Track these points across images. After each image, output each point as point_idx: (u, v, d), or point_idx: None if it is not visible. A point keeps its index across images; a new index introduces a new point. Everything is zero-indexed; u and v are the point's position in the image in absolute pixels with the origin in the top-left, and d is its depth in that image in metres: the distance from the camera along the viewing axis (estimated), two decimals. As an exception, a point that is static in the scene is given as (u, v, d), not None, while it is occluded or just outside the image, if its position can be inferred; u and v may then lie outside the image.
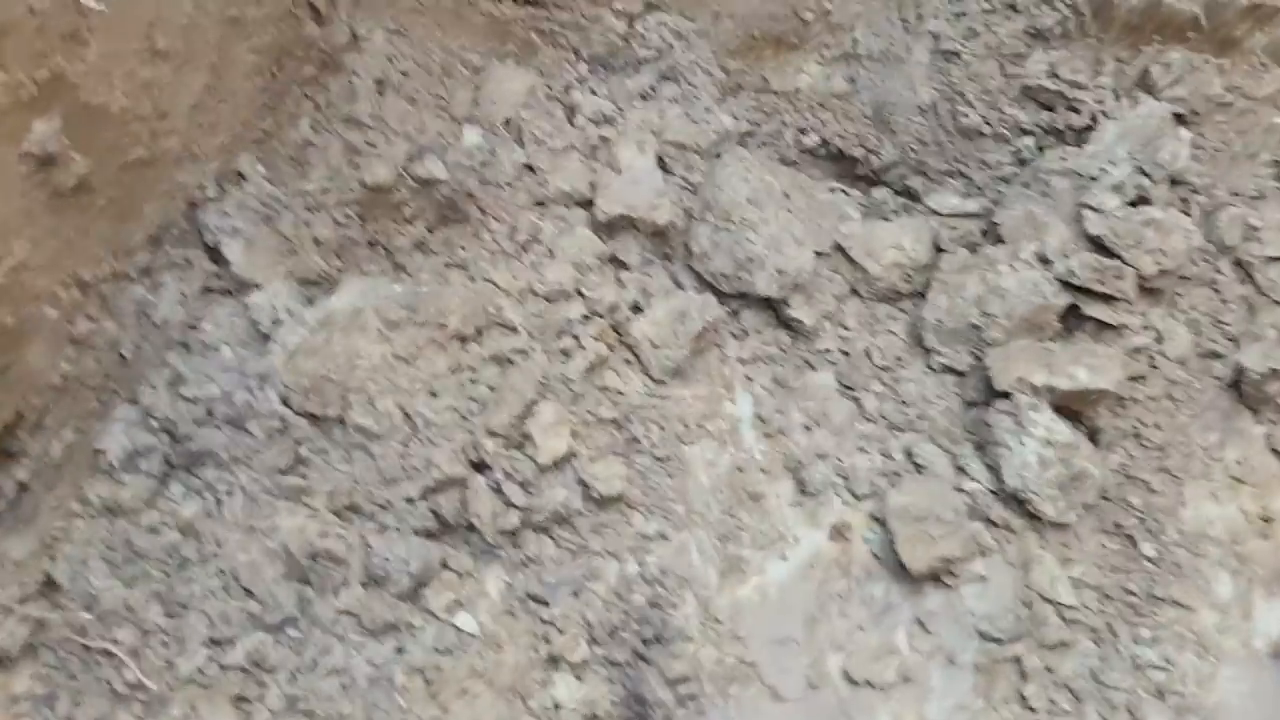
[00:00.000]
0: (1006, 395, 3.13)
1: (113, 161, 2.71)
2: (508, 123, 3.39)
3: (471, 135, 3.35)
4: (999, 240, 3.34)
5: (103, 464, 3.02)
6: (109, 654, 2.85)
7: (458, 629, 3.00)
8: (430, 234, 3.27)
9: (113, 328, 3.06)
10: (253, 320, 3.15)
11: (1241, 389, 3.19)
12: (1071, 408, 3.12)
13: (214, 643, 2.91)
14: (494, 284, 3.24)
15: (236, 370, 3.08)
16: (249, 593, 2.97)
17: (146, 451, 3.03)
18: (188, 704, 2.82)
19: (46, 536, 2.92)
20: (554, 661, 2.97)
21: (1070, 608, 2.99)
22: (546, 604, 3.04)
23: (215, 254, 3.17)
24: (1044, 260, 3.27)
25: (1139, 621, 2.98)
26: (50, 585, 2.91)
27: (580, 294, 3.29)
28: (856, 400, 3.34)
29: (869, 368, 3.37)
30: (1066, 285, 3.21)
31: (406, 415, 3.14)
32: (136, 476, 3.03)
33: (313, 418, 3.11)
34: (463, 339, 3.23)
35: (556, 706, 2.91)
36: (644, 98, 3.52)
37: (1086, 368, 3.08)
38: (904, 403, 3.32)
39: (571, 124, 3.44)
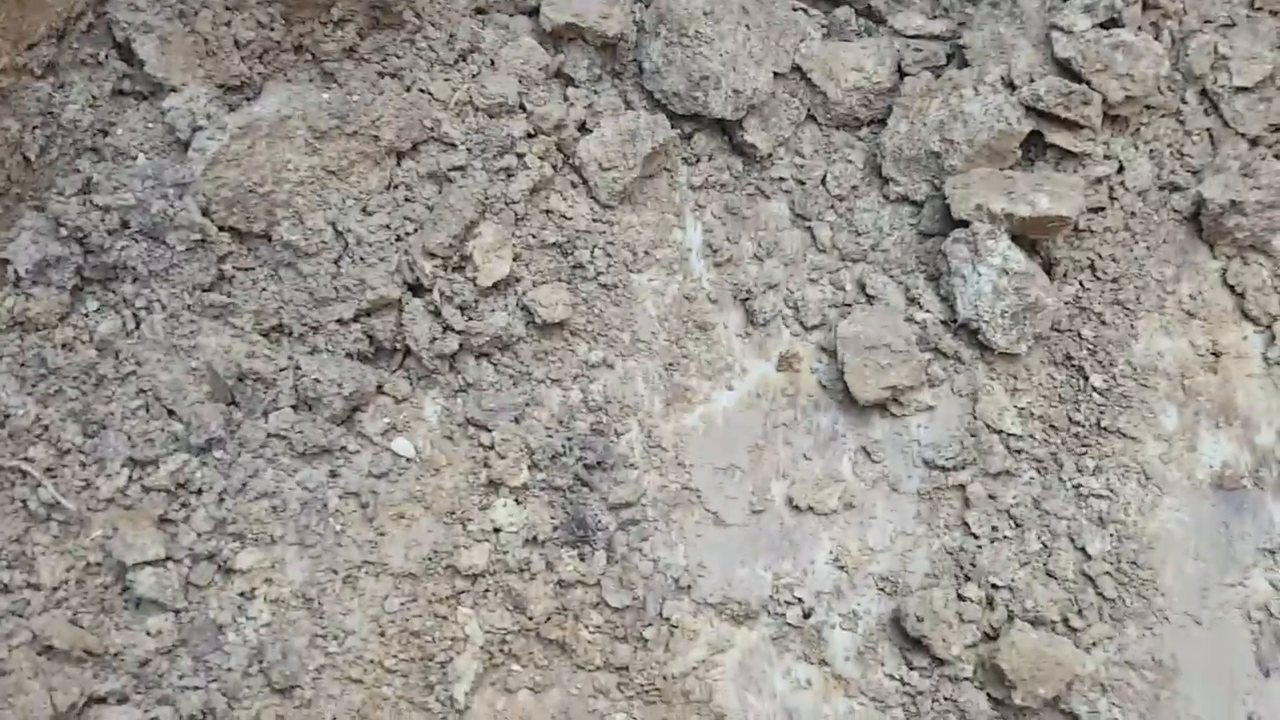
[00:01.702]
0: (964, 224, 3.04)
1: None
2: (446, -81, 3.13)
3: (407, -69, 3.10)
4: (964, 64, 3.20)
5: (10, 275, 2.83)
6: (23, 473, 2.72)
7: (394, 454, 2.90)
8: (361, 40, 3.04)
9: (15, 127, 2.83)
10: (169, 126, 2.94)
11: (1200, 222, 3.13)
12: (1029, 237, 3.04)
13: (136, 463, 2.79)
14: (430, 95, 3.04)
15: (152, 179, 2.88)
16: (172, 413, 2.84)
17: (57, 262, 2.84)
18: (109, 525, 2.71)
19: (-50, 350, 2.75)
20: (494, 486, 2.89)
21: (1016, 437, 2.96)
22: (486, 429, 2.95)
23: (127, 52, 2.93)
24: (1009, 84, 3.14)
25: (1084, 451, 2.97)
26: (-43, 402, 2.75)
27: (524, 109, 3.10)
28: (810, 230, 3.23)
29: (824, 197, 3.24)
30: (1031, 110, 3.09)
31: (338, 233, 2.98)
32: (47, 289, 2.85)
33: (236, 232, 2.93)
34: (398, 154, 3.05)
35: (496, 530, 2.85)
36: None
37: (1047, 194, 2.98)
38: (858, 233, 3.21)
39: (516, -77, 3.20)
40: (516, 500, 2.89)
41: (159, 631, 2.64)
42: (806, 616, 2.82)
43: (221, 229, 2.93)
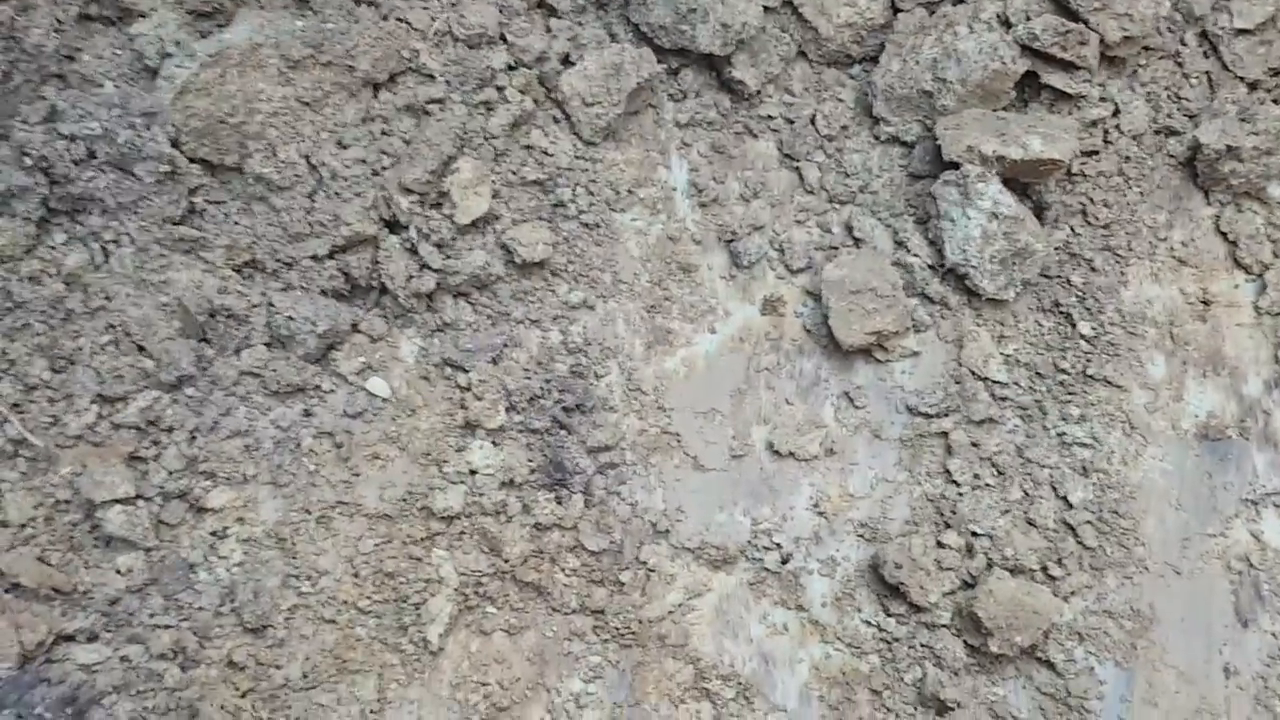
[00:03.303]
0: (954, 166, 2.96)
1: None
2: None
3: None
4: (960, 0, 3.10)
5: (-28, 206, 2.75)
6: (-12, 408, 2.66)
7: (369, 393, 2.85)
8: (337, -35, 2.93)
9: (-26, 51, 2.73)
10: (137, 52, 2.85)
11: (1196, 167, 3.06)
12: (1020, 180, 2.97)
13: (105, 400, 2.74)
14: (408, 24, 2.94)
15: (120, 107, 2.79)
16: (142, 349, 2.78)
17: (21, 192, 2.76)
18: (78, 462, 2.66)
19: (-89, 281, 2.68)
20: (470, 427, 2.84)
21: (1001, 384, 2.92)
22: (464, 370, 2.89)
23: (90, -26, 2.82)
24: (1005, 22, 3.05)
25: (1069, 400, 2.93)
26: (-81, 335, 2.68)
27: (504, 40, 3.00)
28: (798, 170, 3.16)
29: (813, 137, 3.16)
30: (1026, 50, 3.01)
31: (312, 166, 2.89)
32: (12, 221, 2.77)
33: (207, 164, 2.85)
34: (374, 85, 2.95)
35: (472, 472, 2.81)
36: None
37: (1040, 136, 2.91)
38: (847, 174, 3.14)
39: None
40: (493, 442, 2.85)
41: (129, 570, 2.61)
42: (784, 562, 2.80)
43: (192, 160, 2.85)
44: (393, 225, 2.92)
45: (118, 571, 2.60)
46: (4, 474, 2.67)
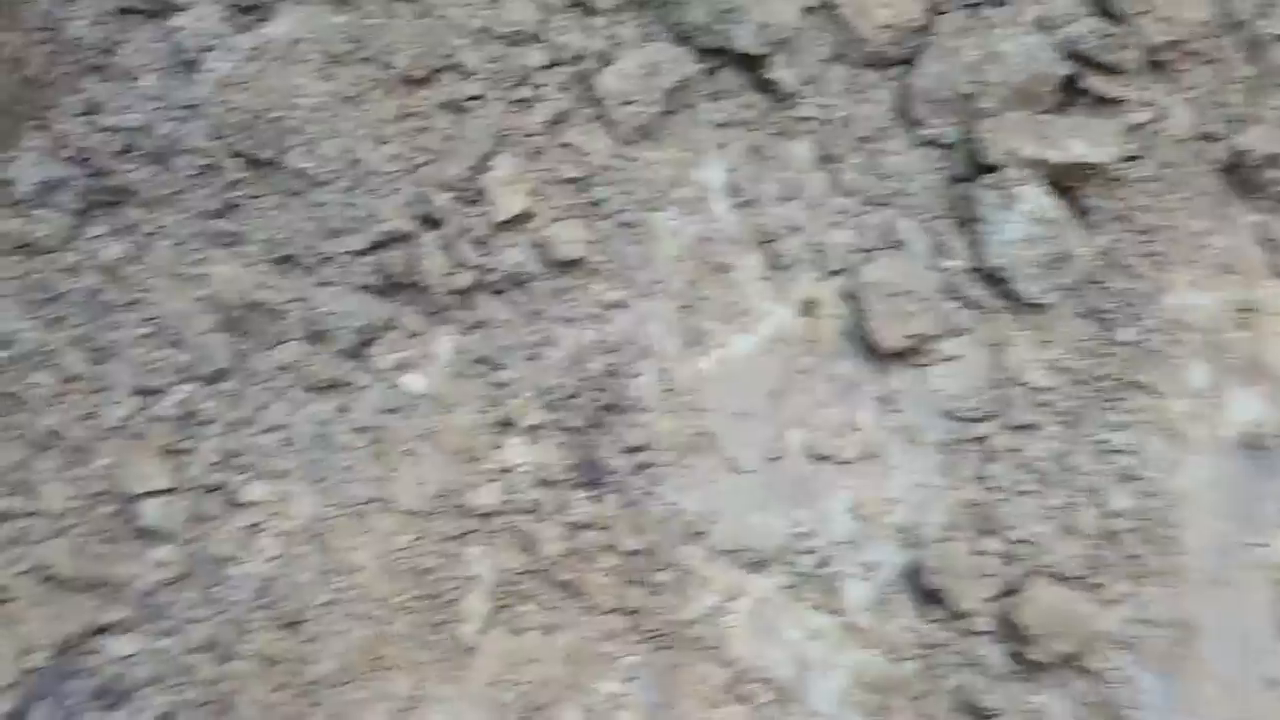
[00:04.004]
0: (994, 169, 2.94)
1: None
2: None
3: None
4: (1001, 2, 3.08)
5: (13, 196, 2.76)
6: (25, 400, 2.67)
7: (405, 390, 2.84)
8: (377, -39, 2.93)
9: (16, 42, 2.74)
10: (177, 45, 2.85)
11: (1238, 174, 3.03)
12: (1061, 184, 2.95)
13: (142, 392, 2.74)
14: (447, 21, 2.94)
15: (159, 100, 2.80)
16: (179, 343, 2.79)
17: (61, 184, 2.78)
18: (114, 454, 2.66)
19: (-48, 271, 2.68)
20: (506, 425, 2.83)
21: (1041, 390, 2.89)
22: (499, 368, 2.88)
23: (133, -33, 2.83)
24: (1047, 25, 3.03)
25: (1109, 407, 2.90)
26: (-42, 325, 2.69)
27: (543, 39, 3.00)
28: (834, 172, 3.13)
29: (850, 138, 3.14)
30: (1068, 53, 2.99)
31: (350, 162, 2.89)
32: (51, 212, 2.79)
33: (246, 158, 2.85)
34: (413, 81, 2.95)
35: (507, 470, 2.79)
36: None
37: (1083, 140, 2.89)
38: (884, 176, 3.11)
39: None
40: (528, 440, 2.83)
41: (165, 562, 2.61)
42: (821, 566, 2.77)
43: (230, 155, 2.85)
44: (430, 222, 2.91)
45: (154, 564, 2.59)
46: (41, 465, 2.66)
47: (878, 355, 2.94)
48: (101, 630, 2.53)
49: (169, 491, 2.63)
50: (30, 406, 2.68)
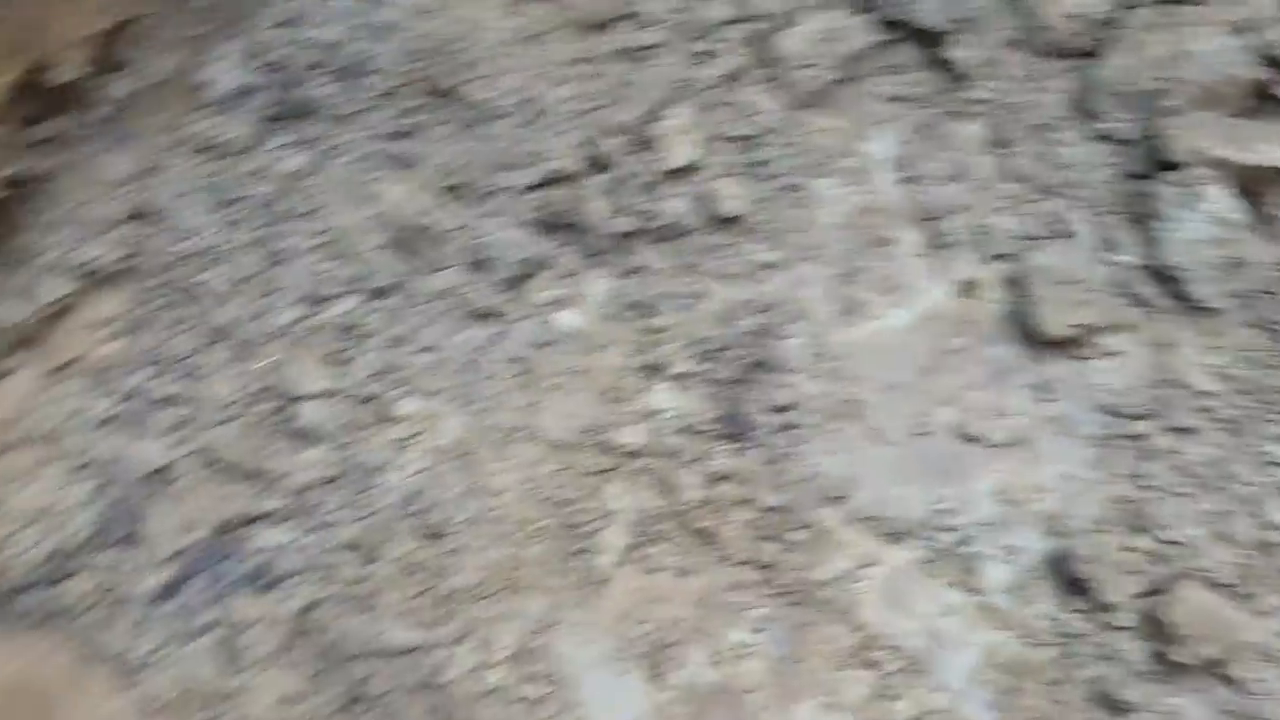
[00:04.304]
0: (1176, 167, 2.87)
1: None
2: None
3: None
4: (1197, 0, 3.01)
5: (205, 98, 2.86)
6: (200, 293, 2.75)
7: (558, 326, 2.87)
8: (574, -96, 2.97)
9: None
10: (375, -33, 2.91)
11: None
12: (1247, 188, 2.86)
13: (309, 299, 2.81)
14: (632, -31, 2.96)
15: (355, 18, 2.87)
16: (347, 256, 2.85)
17: (251, 91, 2.87)
18: (279, 354, 2.73)
19: (145, 162, 2.79)
20: (654, 370, 2.84)
21: (1204, 394, 2.80)
22: (652, 314, 2.89)
23: (340, -113, 2.91)
24: (1241, 28, 2.95)
25: (1274, 419, 2.79)
26: (143, 215, 2.79)
27: (732, -6, 3.01)
28: (1003, 157, 3.09)
29: (1022, 125, 3.09)
30: (1264, 58, 2.90)
31: (526, 99, 2.93)
32: (239, 116, 2.88)
33: (428, 85, 2.91)
34: (595, 25, 2.98)
35: (653, 413, 2.80)
36: None
37: (1275, 144, 2.79)
38: (1055, 166, 3.05)
39: None
40: (676, 388, 2.83)
41: (318, 462, 2.66)
42: (961, 545, 2.72)
43: (414, 80, 2.91)
44: (597, 165, 2.93)
45: (308, 463, 2.65)
46: (204, 357, 2.74)
47: (1036, 342, 2.88)
48: (256, 519, 2.59)
49: (328, 395, 2.69)
50: (204, 301, 2.77)
